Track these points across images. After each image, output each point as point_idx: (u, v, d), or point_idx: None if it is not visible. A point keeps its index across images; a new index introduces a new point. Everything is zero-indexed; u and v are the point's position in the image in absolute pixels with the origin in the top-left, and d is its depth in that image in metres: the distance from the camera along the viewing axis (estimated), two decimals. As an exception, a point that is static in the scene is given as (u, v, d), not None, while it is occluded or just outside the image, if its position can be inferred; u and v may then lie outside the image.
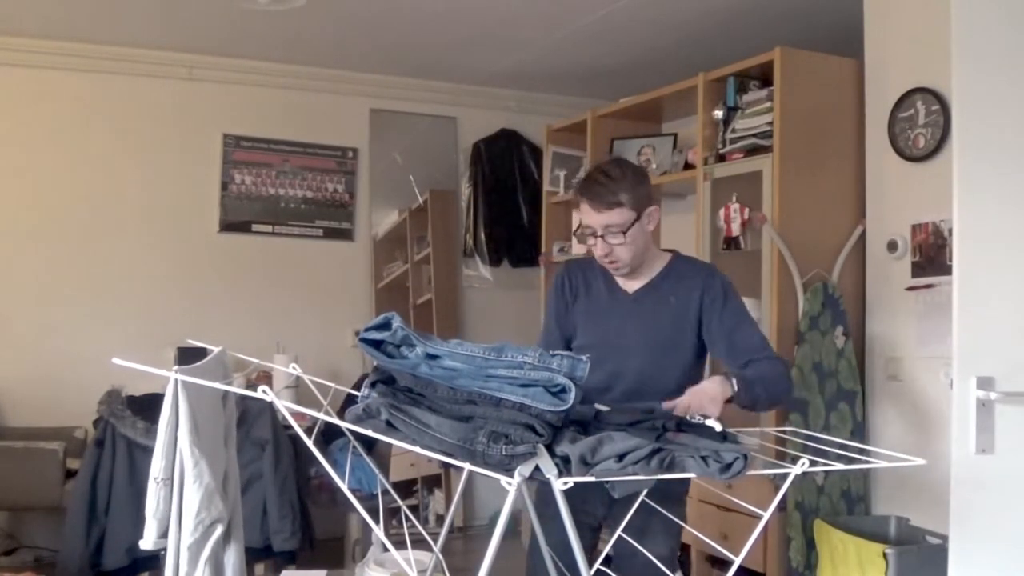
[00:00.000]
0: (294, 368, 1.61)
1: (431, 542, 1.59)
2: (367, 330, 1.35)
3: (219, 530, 1.51)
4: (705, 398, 1.88)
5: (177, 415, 1.42)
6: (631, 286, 2.26)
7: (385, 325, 1.33)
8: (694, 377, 2.21)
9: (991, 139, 1.94)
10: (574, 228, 2.24)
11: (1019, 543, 1.91)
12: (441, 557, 1.55)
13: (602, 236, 2.13)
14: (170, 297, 4.46)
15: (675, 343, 2.21)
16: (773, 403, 2.26)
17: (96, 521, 2.95)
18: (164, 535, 1.45)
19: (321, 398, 1.55)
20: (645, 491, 1.82)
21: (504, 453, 1.25)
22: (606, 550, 1.99)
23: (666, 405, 1.88)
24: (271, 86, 4.67)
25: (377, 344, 1.34)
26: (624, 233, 2.12)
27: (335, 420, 1.31)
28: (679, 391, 1.97)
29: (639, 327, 2.21)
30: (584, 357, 1.33)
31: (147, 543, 1.43)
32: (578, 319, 2.30)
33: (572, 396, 1.27)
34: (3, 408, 4.10)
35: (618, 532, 1.91)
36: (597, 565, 1.79)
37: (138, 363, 1.26)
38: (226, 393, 1.63)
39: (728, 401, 1.95)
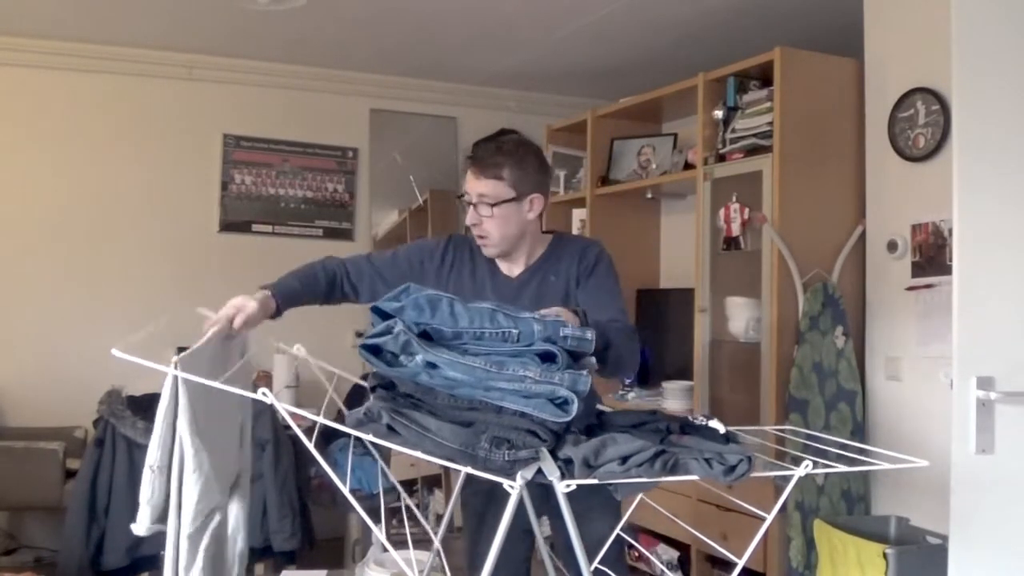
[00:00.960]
0: (299, 349, 1.60)
1: (432, 535, 1.59)
2: (370, 336, 1.34)
3: (217, 518, 1.51)
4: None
5: (176, 404, 1.42)
6: (513, 270, 2.17)
7: (386, 329, 1.33)
8: None
9: (991, 139, 1.94)
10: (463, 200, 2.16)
11: (1019, 543, 1.91)
12: (441, 549, 1.55)
13: (475, 204, 2.08)
14: (170, 297, 4.45)
15: None
16: (620, 360, 1.96)
17: (96, 521, 2.96)
18: (158, 522, 1.44)
19: (327, 383, 1.54)
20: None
21: (506, 458, 1.24)
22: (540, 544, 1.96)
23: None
24: (271, 86, 4.67)
25: (377, 351, 1.33)
26: (493, 207, 2.05)
27: (334, 424, 1.31)
28: None
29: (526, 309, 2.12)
30: (585, 371, 1.32)
31: (139, 528, 1.43)
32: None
33: (574, 408, 1.27)
34: (3, 408, 4.10)
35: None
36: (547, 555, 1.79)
37: (135, 360, 1.26)
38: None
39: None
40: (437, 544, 1.58)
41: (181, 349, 4.31)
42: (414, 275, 2.16)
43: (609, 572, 1.80)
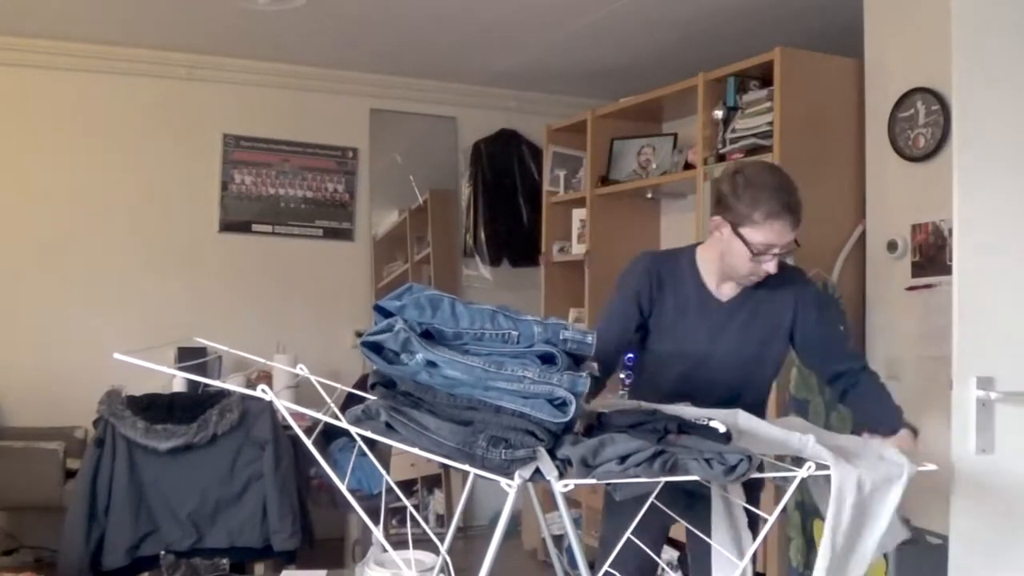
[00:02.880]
0: (301, 369, 1.60)
1: (437, 543, 1.59)
2: (371, 334, 1.34)
3: None
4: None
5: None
6: (724, 293, 2.12)
7: (387, 327, 1.33)
8: (773, 379, 2.21)
9: (991, 139, 1.95)
10: (734, 236, 2.01)
11: (1019, 543, 1.91)
12: (448, 558, 1.55)
13: (779, 254, 2.00)
14: (170, 297, 4.46)
15: (765, 356, 2.14)
16: None
17: (96, 521, 2.96)
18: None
19: (327, 397, 1.55)
20: (725, 487, 1.80)
21: (504, 457, 1.25)
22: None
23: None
24: (271, 86, 4.67)
25: (378, 348, 1.33)
26: (794, 249, 2.03)
27: (335, 421, 1.31)
28: (765, 398, 2.07)
29: (730, 339, 2.10)
30: (584, 373, 1.32)
31: None
32: (660, 319, 2.11)
33: (573, 409, 1.27)
34: (3, 408, 4.10)
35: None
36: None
37: (138, 362, 1.26)
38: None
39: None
40: (444, 553, 1.58)
41: (181, 349, 4.32)
42: (644, 315, 2.12)
43: (615, 573, 1.80)
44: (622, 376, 2.33)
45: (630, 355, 2.20)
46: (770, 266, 1.99)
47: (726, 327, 2.09)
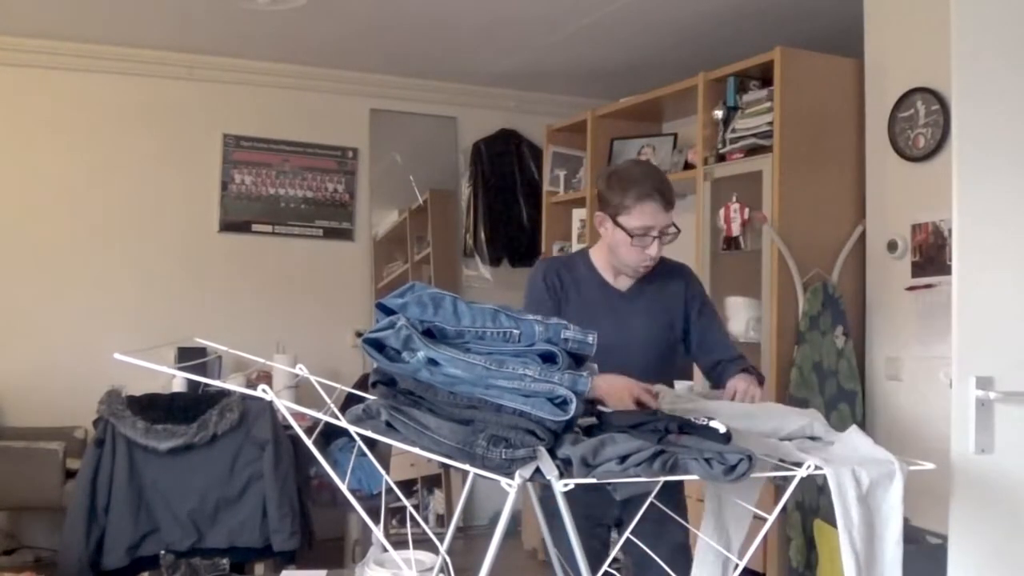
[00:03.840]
0: (301, 369, 1.61)
1: (437, 543, 1.59)
2: (373, 331, 1.34)
3: None
4: (752, 384, 2.07)
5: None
6: (621, 284, 2.26)
7: (389, 324, 1.33)
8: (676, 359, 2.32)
9: (991, 139, 1.94)
10: (615, 227, 2.15)
11: (1019, 543, 1.91)
12: (448, 558, 1.55)
13: (658, 236, 2.12)
14: (170, 297, 4.46)
15: (668, 340, 2.27)
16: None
17: (96, 521, 2.96)
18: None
19: (327, 398, 1.55)
20: (655, 490, 1.84)
21: (504, 457, 1.24)
22: (613, 553, 1.99)
23: (728, 394, 2.05)
24: (271, 86, 4.67)
25: (380, 346, 1.33)
26: (675, 234, 2.15)
27: (336, 421, 1.31)
28: (673, 375, 2.19)
29: (639, 325, 2.22)
30: (585, 373, 1.33)
31: None
32: (568, 315, 2.23)
33: (573, 408, 1.27)
34: (3, 408, 4.10)
35: (626, 535, 1.91)
36: (605, 567, 1.80)
37: (138, 363, 1.26)
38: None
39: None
40: (444, 554, 1.58)
41: (181, 349, 4.32)
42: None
43: (614, 573, 1.80)
44: None
45: None
46: (652, 249, 2.13)
47: (630, 315, 2.23)
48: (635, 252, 2.14)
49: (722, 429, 1.43)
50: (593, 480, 1.28)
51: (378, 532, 1.43)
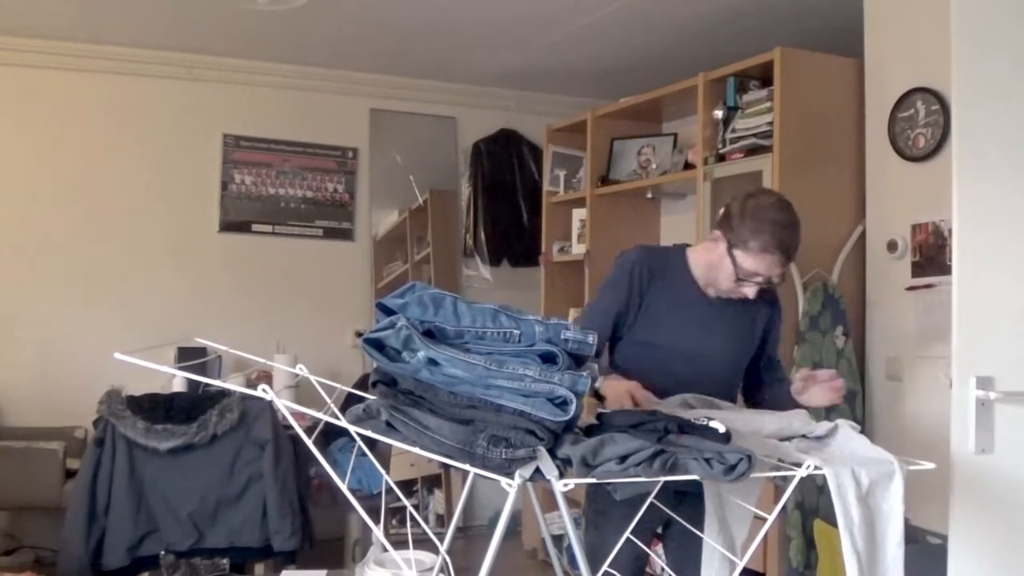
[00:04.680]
0: (301, 369, 1.61)
1: (437, 542, 1.59)
2: (373, 331, 1.34)
3: None
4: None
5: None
6: (711, 292, 2.18)
7: (390, 324, 1.33)
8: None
9: (991, 139, 1.94)
10: (728, 256, 2.08)
11: (1019, 543, 1.91)
12: (448, 558, 1.55)
13: (761, 284, 2.08)
14: (170, 297, 4.46)
15: (744, 356, 2.25)
16: None
17: (96, 521, 2.96)
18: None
19: (327, 398, 1.55)
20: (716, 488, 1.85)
21: (504, 456, 1.25)
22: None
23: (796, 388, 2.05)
24: (271, 86, 4.67)
25: (380, 346, 1.33)
26: (778, 284, 2.13)
27: (336, 421, 1.31)
28: (733, 401, 2.14)
29: (721, 336, 2.18)
30: (585, 373, 1.33)
31: None
32: (652, 311, 2.17)
33: (573, 408, 1.27)
34: (3, 408, 4.10)
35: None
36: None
37: (139, 362, 1.26)
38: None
39: None
40: (444, 554, 1.58)
41: (181, 349, 4.32)
42: (634, 308, 2.19)
43: (614, 573, 1.80)
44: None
45: None
46: (750, 292, 2.08)
47: (716, 325, 2.17)
48: (732, 286, 2.09)
49: (722, 429, 1.44)
50: (593, 480, 1.28)
51: (378, 532, 1.43)
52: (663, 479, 1.29)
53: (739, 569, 1.38)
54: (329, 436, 3.58)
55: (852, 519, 1.40)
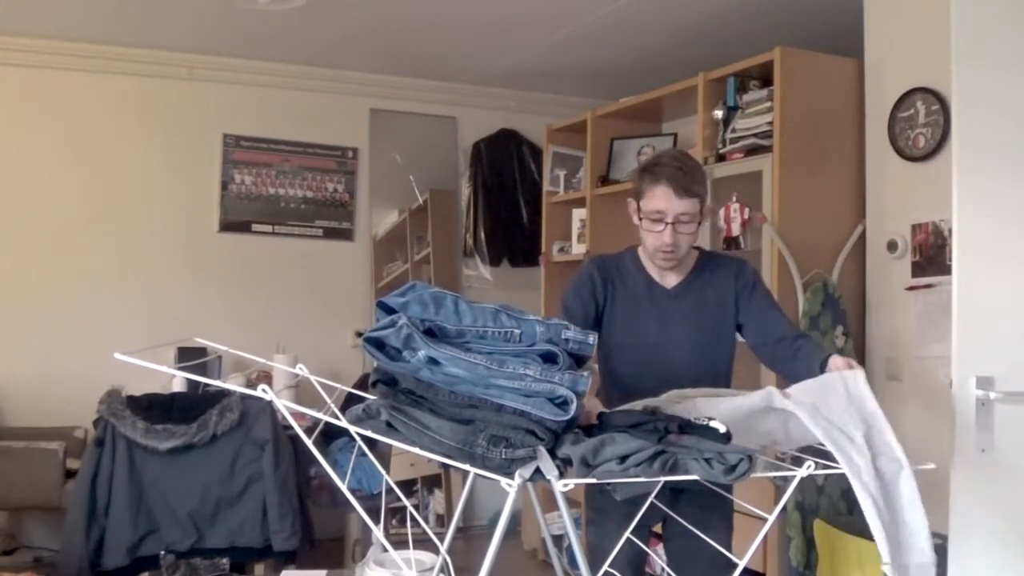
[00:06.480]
0: (301, 369, 1.60)
1: (437, 542, 1.59)
2: (374, 330, 1.34)
3: None
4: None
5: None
6: (668, 282, 2.23)
7: (390, 323, 1.33)
8: (731, 361, 2.28)
9: (991, 139, 1.95)
10: (638, 213, 2.16)
11: (1019, 543, 1.91)
12: (448, 558, 1.55)
13: (672, 223, 2.08)
14: (170, 297, 4.46)
15: (717, 340, 2.24)
16: None
17: (96, 521, 2.96)
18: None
19: (327, 398, 1.55)
20: (704, 489, 1.83)
21: (504, 456, 1.25)
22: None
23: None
24: (271, 86, 4.67)
25: (380, 344, 1.33)
26: (697, 224, 2.13)
27: (336, 421, 1.31)
28: (727, 378, 2.13)
29: (683, 324, 2.20)
30: (586, 373, 1.33)
31: None
32: (615, 316, 2.23)
33: (574, 408, 1.27)
34: (3, 408, 4.10)
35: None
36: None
37: (139, 362, 1.26)
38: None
39: None
40: (444, 553, 1.58)
41: (181, 349, 4.32)
42: (600, 316, 2.25)
43: (614, 573, 1.80)
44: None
45: None
46: (666, 236, 2.08)
47: (675, 313, 2.20)
48: (653, 237, 2.12)
49: (722, 429, 1.43)
50: (593, 480, 1.28)
51: (378, 532, 1.43)
52: (663, 479, 1.29)
53: (739, 569, 1.38)
54: (329, 436, 3.58)
55: (870, 492, 1.36)
